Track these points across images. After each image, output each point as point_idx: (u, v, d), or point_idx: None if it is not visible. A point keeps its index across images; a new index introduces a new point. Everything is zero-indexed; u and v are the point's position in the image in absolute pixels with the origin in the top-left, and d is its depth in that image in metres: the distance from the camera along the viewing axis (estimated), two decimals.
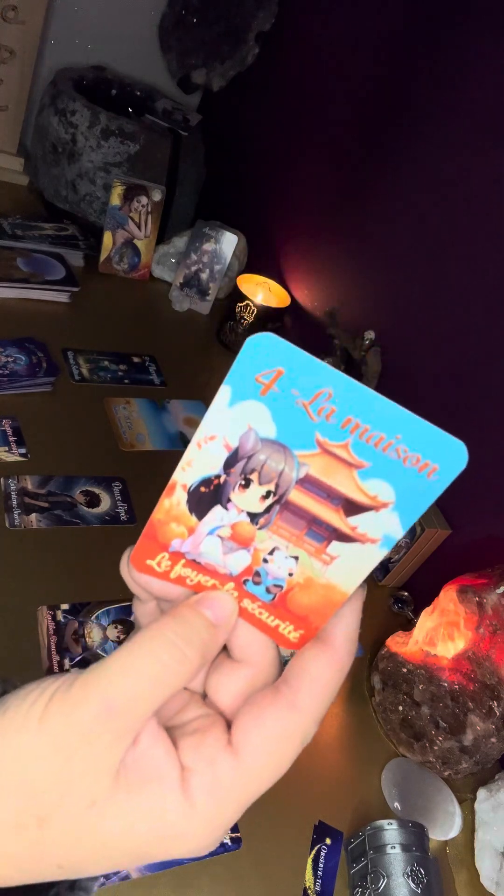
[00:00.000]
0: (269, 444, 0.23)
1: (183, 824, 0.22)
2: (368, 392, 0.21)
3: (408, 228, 0.90)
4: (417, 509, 0.22)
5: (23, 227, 1.12)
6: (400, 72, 0.92)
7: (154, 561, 0.26)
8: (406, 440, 0.22)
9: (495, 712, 0.63)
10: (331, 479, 0.23)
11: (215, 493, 0.24)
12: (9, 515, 0.72)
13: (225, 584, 0.26)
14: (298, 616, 0.26)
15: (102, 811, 0.22)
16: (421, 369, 0.87)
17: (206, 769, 0.23)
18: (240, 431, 0.23)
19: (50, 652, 0.62)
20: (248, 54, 1.21)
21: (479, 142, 0.79)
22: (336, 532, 0.24)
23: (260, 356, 0.21)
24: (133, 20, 1.32)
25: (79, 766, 0.21)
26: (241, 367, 0.22)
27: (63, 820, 0.21)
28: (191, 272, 1.18)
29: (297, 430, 0.22)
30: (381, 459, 0.22)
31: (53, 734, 0.22)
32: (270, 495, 0.24)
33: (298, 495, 0.23)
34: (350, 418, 0.22)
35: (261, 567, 0.25)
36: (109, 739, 0.22)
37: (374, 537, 0.23)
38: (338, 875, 0.58)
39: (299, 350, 0.21)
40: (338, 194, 1.06)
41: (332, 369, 0.21)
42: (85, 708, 0.22)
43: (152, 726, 0.23)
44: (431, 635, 0.69)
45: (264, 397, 0.22)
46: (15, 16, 1.15)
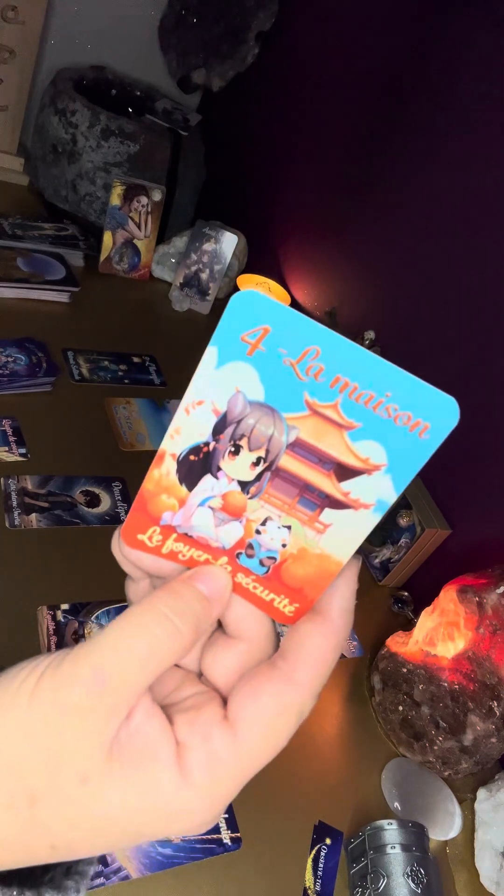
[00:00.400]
0: (257, 406, 0.22)
1: (179, 801, 0.22)
2: (357, 348, 0.20)
3: (408, 228, 0.90)
4: (410, 470, 0.22)
5: (23, 227, 1.12)
6: (400, 71, 0.92)
7: (145, 535, 0.25)
8: (396, 398, 0.21)
9: (495, 712, 0.63)
10: (321, 443, 0.22)
11: (205, 461, 0.23)
12: (9, 515, 0.72)
13: (218, 558, 0.25)
14: (293, 588, 0.25)
15: (95, 788, 0.21)
16: (421, 369, 0.87)
17: (201, 744, 0.22)
18: (228, 395, 0.22)
19: (50, 652, 0.62)
20: (248, 54, 1.21)
21: (480, 141, 0.79)
22: (329, 498, 0.23)
23: (245, 314, 0.20)
24: (133, 20, 1.32)
25: (70, 742, 0.21)
26: (227, 327, 0.21)
27: (55, 798, 0.21)
28: (191, 272, 1.18)
29: (285, 392, 0.21)
30: (372, 419, 0.21)
31: (44, 710, 0.21)
32: (261, 462, 0.23)
33: (289, 461, 0.22)
34: (339, 377, 0.21)
35: (253, 539, 0.24)
36: (101, 714, 0.21)
37: (368, 502, 0.22)
38: (338, 875, 0.58)
39: (285, 307, 0.20)
40: (338, 194, 1.06)
41: (319, 325, 0.20)
42: (76, 682, 0.21)
43: (146, 702, 0.22)
44: (431, 635, 0.69)
45: (251, 357, 0.21)
46: (15, 16, 1.15)
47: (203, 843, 0.55)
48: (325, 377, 0.21)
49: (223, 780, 0.22)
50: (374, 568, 0.87)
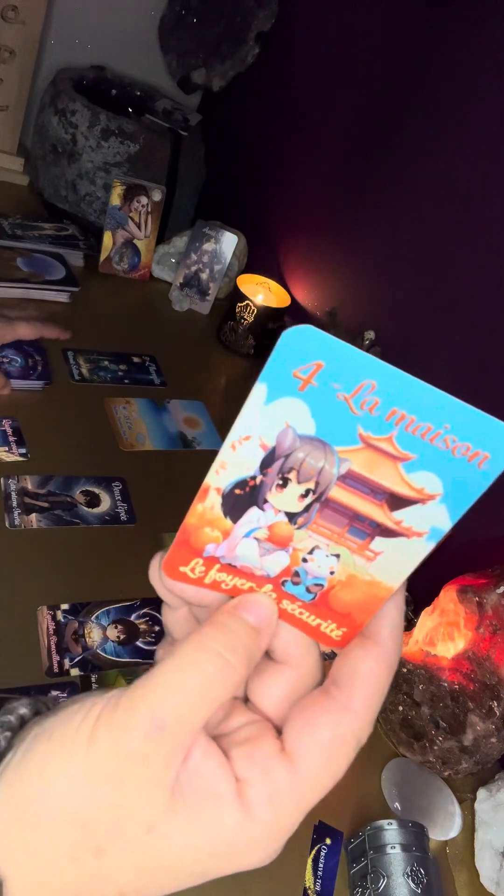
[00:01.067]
0: (308, 440, 0.22)
1: (244, 837, 0.22)
2: (415, 381, 0.21)
3: (408, 228, 0.90)
4: (467, 500, 0.22)
5: (23, 227, 1.12)
6: (401, 71, 0.92)
7: (187, 567, 0.25)
8: (455, 429, 0.21)
9: (495, 712, 0.63)
10: (374, 474, 0.22)
11: (251, 494, 0.23)
12: (9, 515, 0.72)
13: (262, 585, 0.25)
14: (341, 614, 0.25)
15: (161, 834, 0.21)
16: (421, 369, 0.87)
17: (262, 779, 0.22)
18: (277, 429, 0.22)
19: (50, 652, 0.62)
20: (248, 54, 1.21)
21: (481, 141, 0.79)
22: (380, 527, 0.23)
23: (297, 350, 0.20)
24: (133, 20, 1.32)
25: (133, 791, 0.21)
26: (278, 363, 0.20)
27: (121, 847, 0.21)
28: (191, 272, 1.18)
29: (338, 425, 0.21)
30: (429, 450, 0.21)
31: (104, 759, 0.21)
32: (310, 493, 0.23)
33: (340, 492, 0.23)
34: (395, 409, 0.21)
35: (300, 567, 0.24)
36: (162, 759, 0.21)
37: (421, 531, 0.23)
38: (338, 875, 0.58)
39: (340, 342, 0.20)
40: (338, 194, 1.06)
41: (376, 360, 0.20)
42: (134, 728, 0.21)
43: (202, 740, 0.22)
44: (431, 635, 0.69)
45: (303, 393, 0.21)
46: (15, 16, 1.15)
47: None
48: (380, 410, 0.21)
49: (286, 813, 0.23)
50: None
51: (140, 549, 0.73)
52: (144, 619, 0.68)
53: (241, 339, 1.13)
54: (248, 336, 1.12)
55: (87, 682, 0.61)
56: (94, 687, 0.61)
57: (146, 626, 0.68)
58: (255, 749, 0.23)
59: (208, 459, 0.22)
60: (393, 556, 0.23)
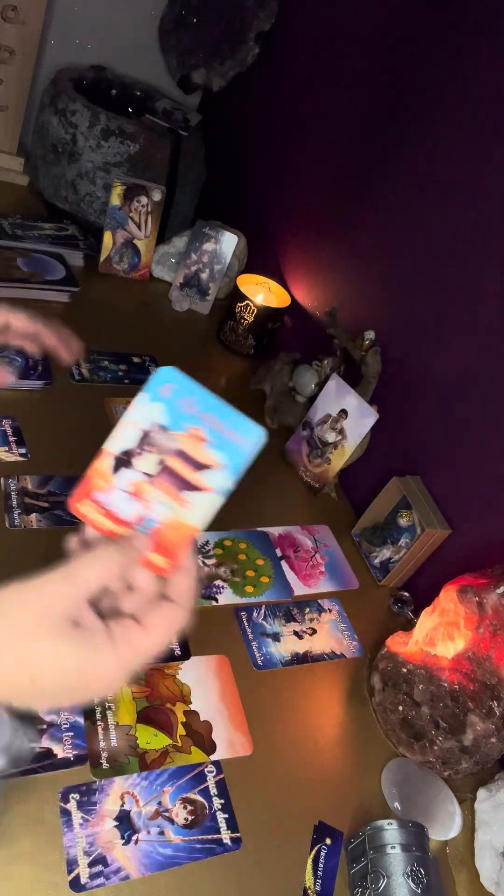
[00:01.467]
0: (162, 428, 0.38)
1: (102, 662, 0.36)
2: (211, 397, 0.38)
3: (408, 228, 0.90)
4: (238, 468, 0.37)
5: (23, 227, 1.12)
6: (401, 71, 0.92)
7: (81, 505, 0.41)
8: (231, 426, 0.37)
9: (495, 712, 0.63)
10: (191, 451, 0.38)
11: (128, 459, 0.39)
12: (9, 515, 0.71)
13: (125, 527, 0.39)
14: (166, 548, 0.39)
15: (45, 648, 0.36)
16: (421, 369, 0.87)
17: (124, 632, 0.37)
18: (150, 419, 0.38)
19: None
20: (248, 54, 1.21)
21: (481, 141, 0.79)
22: (191, 485, 0.38)
23: (164, 377, 0.38)
24: (133, 20, 1.32)
25: (45, 614, 0.37)
26: (154, 383, 0.38)
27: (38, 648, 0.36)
28: (191, 272, 1.18)
29: (177, 420, 0.38)
30: (219, 437, 0.37)
31: (37, 597, 0.38)
32: (160, 462, 0.38)
33: (174, 461, 0.38)
34: (204, 413, 0.38)
35: (147, 515, 0.39)
36: (68, 597, 0.37)
37: (213, 487, 0.38)
38: (338, 875, 0.58)
39: (183, 374, 0.38)
40: (338, 194, 1.06)
41: (197, 385, 0.38)
42: (60, 580, 0.38)
43: (89, 609, 0.37)
44: (431, 635, 0.69)
45: (163, 399, 0.38)
46: (15, 16, 1.15)
47: (203, 843, 0.55)
48: (197, 412, 0.38)
49: (134, 654, 0.37)
50: (374, 568, 0.87)
51: None
52: None
53: (241, 339, 1.13)
54: (248, 336, 1.12)
55: None
56: None
57: None
58: (124, 619, 0.38)
59: None
60: (199, 505, 0.38)
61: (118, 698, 0.61)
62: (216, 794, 0.59)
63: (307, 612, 0.79)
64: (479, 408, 0.79)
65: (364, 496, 0.95)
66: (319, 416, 0.93)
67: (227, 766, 0.61)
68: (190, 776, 0.59)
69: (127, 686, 0.63)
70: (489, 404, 0.77)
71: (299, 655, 0.74)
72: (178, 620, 0.39)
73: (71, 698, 0.38)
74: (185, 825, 0.56)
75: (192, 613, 0.39)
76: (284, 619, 0.77)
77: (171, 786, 0.58)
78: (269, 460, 0.97)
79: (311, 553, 0.86)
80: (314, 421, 0.94)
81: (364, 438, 0.90)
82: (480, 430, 0.79)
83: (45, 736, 0.56)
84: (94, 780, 0.56)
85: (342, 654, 0.76)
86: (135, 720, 0.61)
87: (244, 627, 0.74)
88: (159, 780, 0.58)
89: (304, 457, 0.95)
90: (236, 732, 0.64)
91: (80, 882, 0.50)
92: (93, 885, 0.50)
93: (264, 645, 0.73)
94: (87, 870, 0.51)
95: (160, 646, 0.38)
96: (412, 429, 0.89)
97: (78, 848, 0.52)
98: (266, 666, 0.71)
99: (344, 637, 0.78)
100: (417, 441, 0.88)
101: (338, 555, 0.88)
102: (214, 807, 0.58)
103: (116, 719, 0.60)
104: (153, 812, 0.56)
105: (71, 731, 0.58)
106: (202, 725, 0.63)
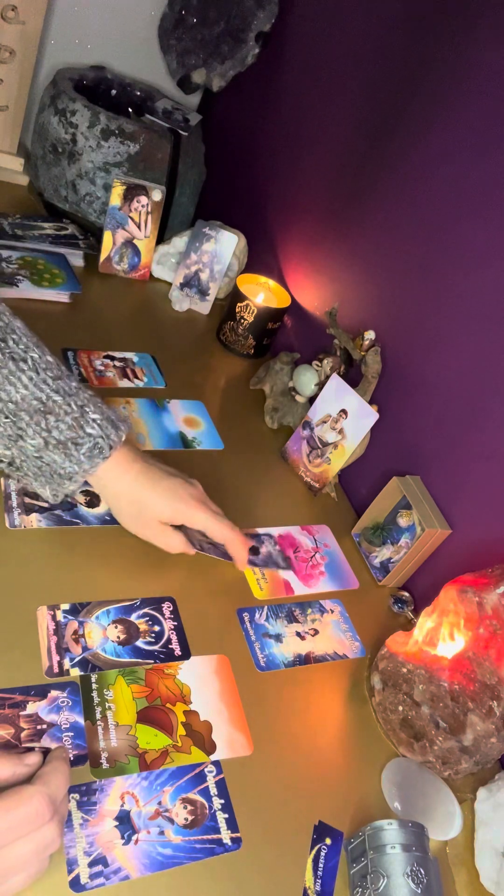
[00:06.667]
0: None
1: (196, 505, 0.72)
2: None
3: (408, 228, 0.90)
4: None
5: (23, 227, 1.12)
6: (402, 71, 0.92)
7: None
8: None
9: (495, 712, 0.63)
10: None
11: None
12: (9, 515, 0.72)
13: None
14: None
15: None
16: (421, 369, 0.87)
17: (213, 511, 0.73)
18: None
19: (50, 652, 0.62)
20: (248, 54, 1.21)
21: (481, 142, 0.79)
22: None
23: None
24: (133, 20, 1.32)
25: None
26: None
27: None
28: (191, 272, 1.18)
29: None
30: None
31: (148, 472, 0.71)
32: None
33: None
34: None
35: None
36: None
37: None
38: (338, 875, 0.58)
39: None
40: (338, 194, 1.06)
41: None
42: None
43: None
44: (431, 635, 0.70)
45: None
46: (15, 16, 1.15)
47: (203, 843, 0.55)
48: None
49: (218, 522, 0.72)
50: (374, 568, 0.87)
51: (139, 550, 0.73)
52: (144, 619, 0.68)
53: (241, 339, 1.13)
54: (248, 336, 1.12)
55: (87, 682, 0.61)
56: (93, 687, 0.61)
57: (146, 626, 0.68)
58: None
59: (208, 459, 0.22)
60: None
61: (118, 698, 0.61)
62: (216, 794, 0.59)
63: (309, 612, 0.79)
64: (479, 408, 0.79)
65: (364, 496, 0.95)
66: (319, 416, 0.93)
67: (227, 766, 0.61)
68: (190, 776, 0.59)
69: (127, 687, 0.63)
70: (489, 404, 0.77)
71: (302, 657, 0.74)
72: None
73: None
74: (185, 825, 0.56)
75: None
76: (286, 619, 0.77)
77: (171, 786, 0.58)
78: (269, 460, 0.97)
79: (312, 553, 0.86)
80: (314, 421, 0.94)
81: (364, 438, 0.90)
82: (480, 430, 0.79)
83: (45, 735, 0.57)
84: (93, 780, 0.56)
85: (345, 654, 0.76)
86: (135, 720, 0.61)
87: (246, 629, 0.74)
88: (159, 780, 0.58)
89: (304, 457, 0.95)
90: (236, 732, 0.64)
91: (80, 882, 0.50)
92: (93, 885, 0.50)
93: (266, 646, 0.73)
94: (87, 870, 0.51)
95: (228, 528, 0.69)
96: (412, 429, 0.89)
97: (78, 848, 0.52)
98: (268, 667, 0.71)
99: (346, 637, 0.78)
100: (417, 441, 0.88)
101: (338, 555, 0.88)
102: (214, 807, 0.58)
103: (116, 719, 0.60)
104: (153, 812, 0.56)
105: (71, 731, 0.58)
106: (202, 725, 0.63)
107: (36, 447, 0.63)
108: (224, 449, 0.94)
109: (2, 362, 0.62)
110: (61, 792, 0.48)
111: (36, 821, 0.45)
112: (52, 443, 0.63)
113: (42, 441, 0.63)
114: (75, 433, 0.64)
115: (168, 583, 0.73)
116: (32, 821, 0.44)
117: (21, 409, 0.62)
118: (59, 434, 0.63)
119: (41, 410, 0.62)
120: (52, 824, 0.46)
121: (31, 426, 0.62)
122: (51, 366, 0.65)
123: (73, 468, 0.65)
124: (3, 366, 0.62)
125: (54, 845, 0.46)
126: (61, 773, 0.48)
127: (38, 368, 0.63)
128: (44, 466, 0.65)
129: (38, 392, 0.62)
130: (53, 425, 0.63)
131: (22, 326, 0.65)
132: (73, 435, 0.64)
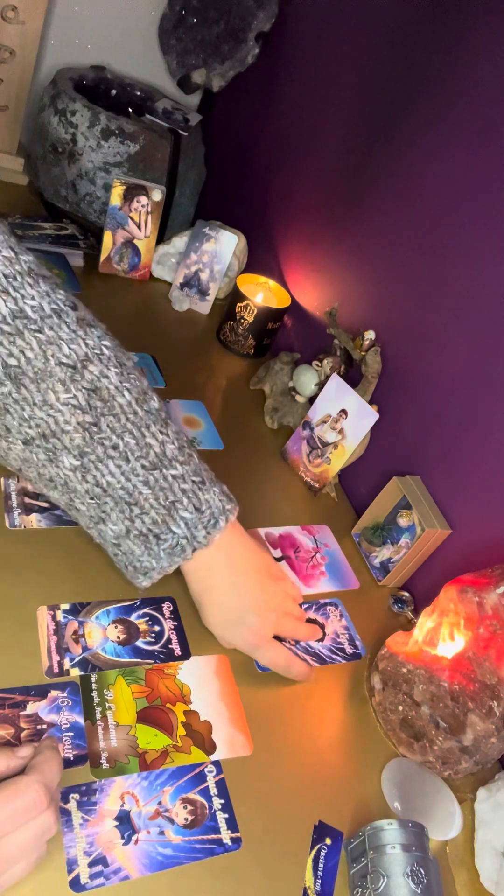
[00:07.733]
0: None
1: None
2: None
3: (408, 228, 0.90)
4: None
5: (23, 227, 1.12)
6: (401, 71, 0.92)
7: None
8: None
9: (495, 712, 0.63)
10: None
11: None
12: (9, 515, 0.72)
13: None
14: None
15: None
16: (421, 369, 0.87)
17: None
18: None
19: (50, 652, 0.62)
20: (248, 54, 1.22)
21: (481, 142, 0.79)
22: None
23: None
24: (133, 20, 1.32)
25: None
26: None
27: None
28: (191, 272, 1.18)
29: None
30: None
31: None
32: None
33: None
34: None
35: None
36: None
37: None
38: (338, 875, 0.58)
39: None
40: (338, 194, 1.06)
41: None
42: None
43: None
44: (431, 635, 0.70)
45: None
46: (15, 16, 1.15)
47: (203, 843, 0.55)
48: None
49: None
50: (374, 568, 0.87)
51: None
52: (144, 619, 0.68)
53: (241, 339, 1.13)
54: (248, 336, 1.12)
55: (87, 682, 0.61)
56: (93, 687, 0.61)
57: (146, 626, 0.68)
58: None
59: (208, 459, 0.22)
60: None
61: (118, 698, 0.61)
62: (216, 794, 0.59)
63: (310, 612, 0.79)
64: (479, 408, 0.79)
65: (364, 496, 0.95)
66: (319, 416, 0.93)
67: (227, 766, 0.61)
68: (190, 776, 0.59)
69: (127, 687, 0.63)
70: (489, 404, 0.77)
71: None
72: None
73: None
74: (185, 825, 0.56)
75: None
76: None
77: (171, 786, 0.58)
78: (269, 460, 0.97)
79: (312, 553, 0.86)
80: (314, 421, 0.94)
81: (364, 438, 0.90)
82: (480, 430, 0.79)
83: (45, 736, 0.56)
84: (93, 780, 0.56)
85: (345, 654, 0.76)
86: (135, 720, 0.61)
87: None
88: (159, 780, 0.58)
89: (304, 457, 0.95)
90: (236, 732, 0.64)
91: (80, 882, 0.50)
92: (93, 885, 0.50)
93: None
94: (87, 870, 0.51)
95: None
96: (412, 429, 0.89)
97: (78, 848, 0.52)
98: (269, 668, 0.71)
99: (347, 638, 0.78)
100: (417, 441, 0.88)
101: (338, 555, 0.88)
102: (214, 807, 0.58)
103: (116, 719, 0.60)
104: (153, 812, 0.56)
105: (71, 731, 0.58)
106: (202, 725, 0.63)
107: (116, 534, 0.61)
108: (224, 449, 0.94)
109: (91, 446, 0.58)
110: (55, 780, 0.48)
111: (33, 810, 0.45)
112: (133, 532, 0.60)
113: (124, 528, 0.60)
114: (159, 528, 0.60)
115: (168, 583, 0.73)
116: (30, 810, 0.45)
117: (107, 495, 0.59)
118: (141, 525, 0.60)
119: (125, 501, 0.59)
120: (48, 812, 0.46)
121: (114, 511, 0.60)
122: (147, 451, 0.59)
123: (151, 563, 0.62)
124: (92, 451, 0.58)
125: (51, 831, 0.47)
126: (54, 761, 0.49)
127: (128, 456, 0.58)
128: (120, 555, 0.63)
129: (125, 482, 0.58)
130: (137, 516, 0.60)
131: (126, 402, 0.59)
132: (157, 530, 0.60)
